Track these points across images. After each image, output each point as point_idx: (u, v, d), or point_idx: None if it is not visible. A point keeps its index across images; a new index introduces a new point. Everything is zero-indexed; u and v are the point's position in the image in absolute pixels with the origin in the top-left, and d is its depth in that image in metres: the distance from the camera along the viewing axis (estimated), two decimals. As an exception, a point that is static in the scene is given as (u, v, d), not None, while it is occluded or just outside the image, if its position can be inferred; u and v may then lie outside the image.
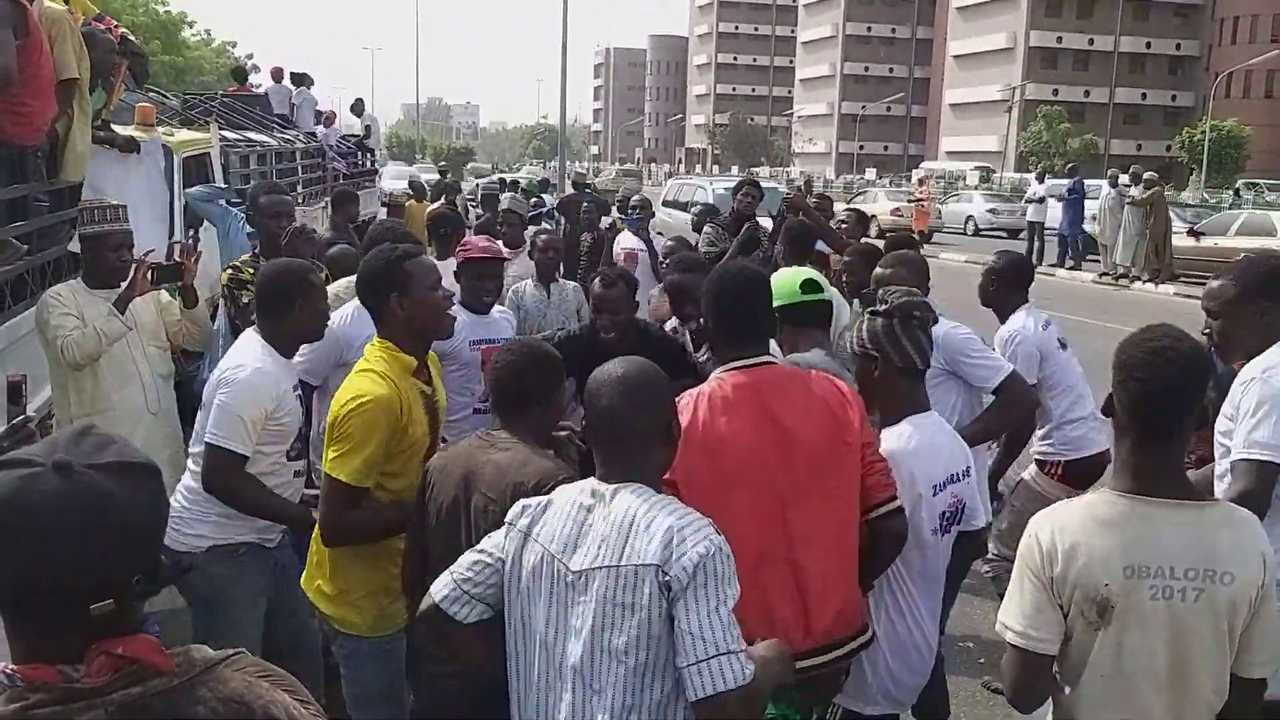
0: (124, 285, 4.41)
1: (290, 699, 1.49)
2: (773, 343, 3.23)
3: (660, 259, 7.33)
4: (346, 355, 4.18)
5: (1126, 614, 2.20)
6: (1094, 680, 2.26)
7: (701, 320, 3.83)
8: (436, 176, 23.37)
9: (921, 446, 3.03)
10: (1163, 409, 2.25)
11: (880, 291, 3.36)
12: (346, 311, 4.40)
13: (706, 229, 8.37)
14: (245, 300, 5.00)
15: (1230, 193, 38.74)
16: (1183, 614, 2.20)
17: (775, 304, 3.14)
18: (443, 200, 12.83)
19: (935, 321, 3.31)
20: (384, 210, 14.96)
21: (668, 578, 2.11)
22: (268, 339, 3.61)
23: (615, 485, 2.27)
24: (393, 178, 25.29)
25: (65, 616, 1.34)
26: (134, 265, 4.45)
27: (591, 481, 2.33)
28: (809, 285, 3.70)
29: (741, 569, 2.22)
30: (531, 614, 2.30)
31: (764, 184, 10.46)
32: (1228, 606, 2.19)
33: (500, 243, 5.77)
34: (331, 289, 4.58)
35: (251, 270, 5.06)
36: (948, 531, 3.10)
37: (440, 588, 2.42)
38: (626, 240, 8.64)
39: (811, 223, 7.01)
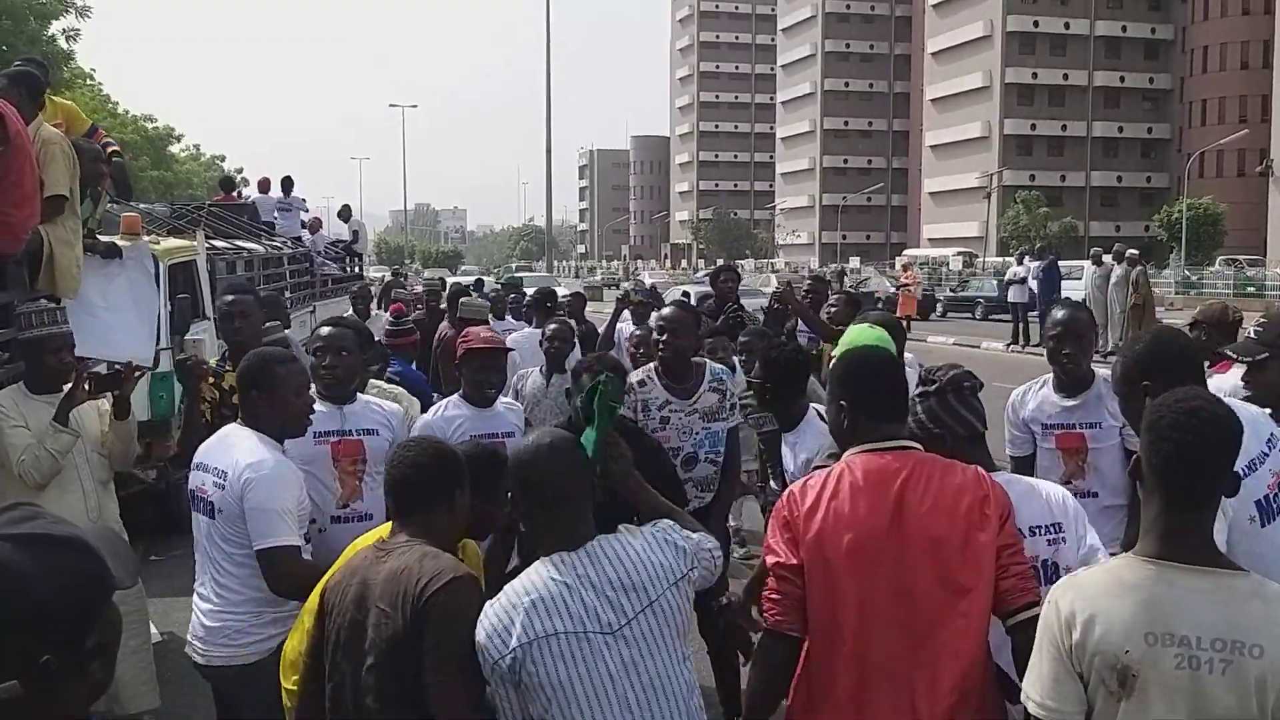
0: (64, 394, 4.32)
1: None
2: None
3: (635, 348, 7.23)
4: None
5: (1150, 685, 2.08)
6: None
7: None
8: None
9: None
10: (1195, 473, 2.16)
11: (923, 371, 3.27)
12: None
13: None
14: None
15: (1211, 270, 39.26)
16: (1208, 686, 2.07)
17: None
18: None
19: (982, 387, 3.23)
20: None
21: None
22: (254, 428, 3.55)
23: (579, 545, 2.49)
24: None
25: None
26: (74, 374, 4.38)
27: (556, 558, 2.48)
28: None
29: (844, 668, 2.52)
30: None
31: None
32: (1257, 683, 2.06)
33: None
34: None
35: (211, 381, 4.78)
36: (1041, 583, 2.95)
37: None
38: (628, 329, 8.67)
39: (801, 316, 7.03)
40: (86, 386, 4.36)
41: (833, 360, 3.44)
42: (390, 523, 2.88)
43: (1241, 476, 2.26)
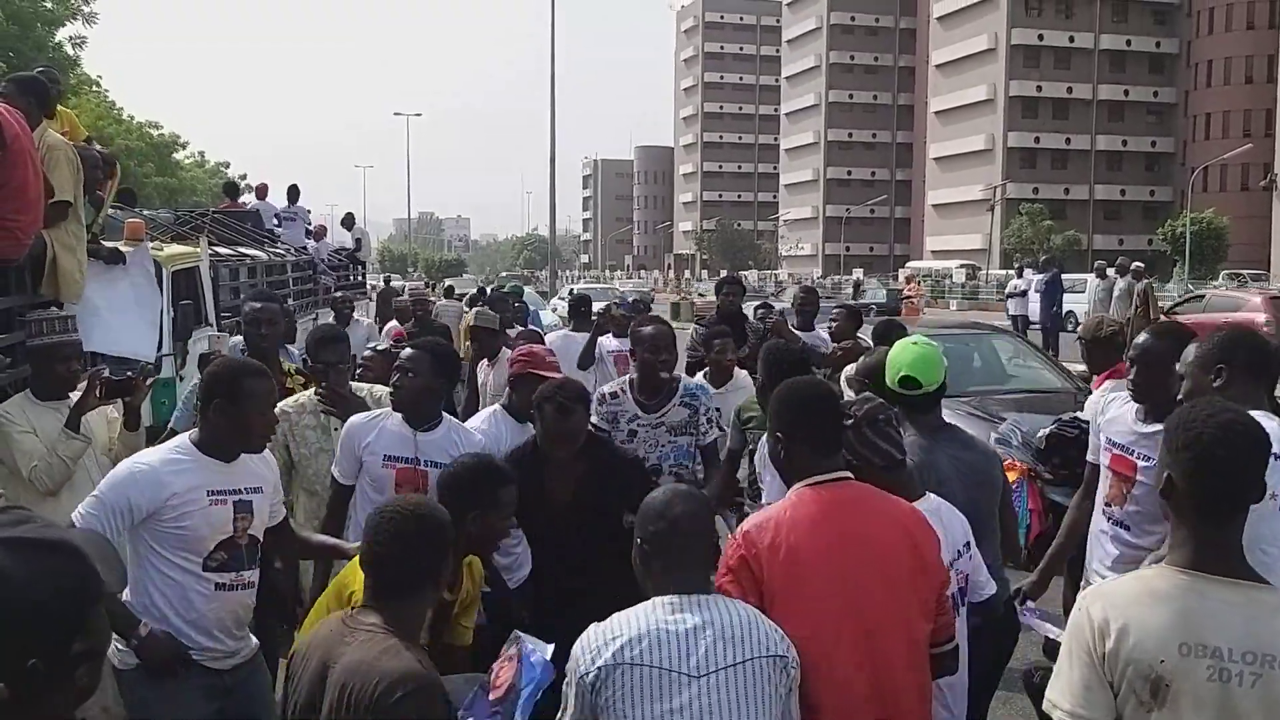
0: (76, 399, 4.33)
1: None
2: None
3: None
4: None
5: (1181, 695, 2.08)
6: None
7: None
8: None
9: None
10: (1232, 484, 2.19)
11: (844, 405, 3.33)
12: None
13: (692, 331, 8.38)
14: None
15: (1214, 283, 39.27)
16: (1238, 699, 2.07)
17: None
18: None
19: (899, 419, 3.43)
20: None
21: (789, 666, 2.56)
22: (197, 442, 3.43)
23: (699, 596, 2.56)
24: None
25: None
26: (85, 379, 4.38)
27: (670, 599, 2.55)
28: (905, 381, 3.82)
29: (831, 695, 2.64)
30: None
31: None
32: None
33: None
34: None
35: None
36: (959, 607, 3.17)
37: None
38: (611, 343, 8.58)
39: (792, 345, 6.99)
40: (98, 393, 4.35)
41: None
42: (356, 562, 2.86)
43: (1267, 484, 2.29)
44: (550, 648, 2.82)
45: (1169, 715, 2.09)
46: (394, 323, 11.25)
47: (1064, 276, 22.61)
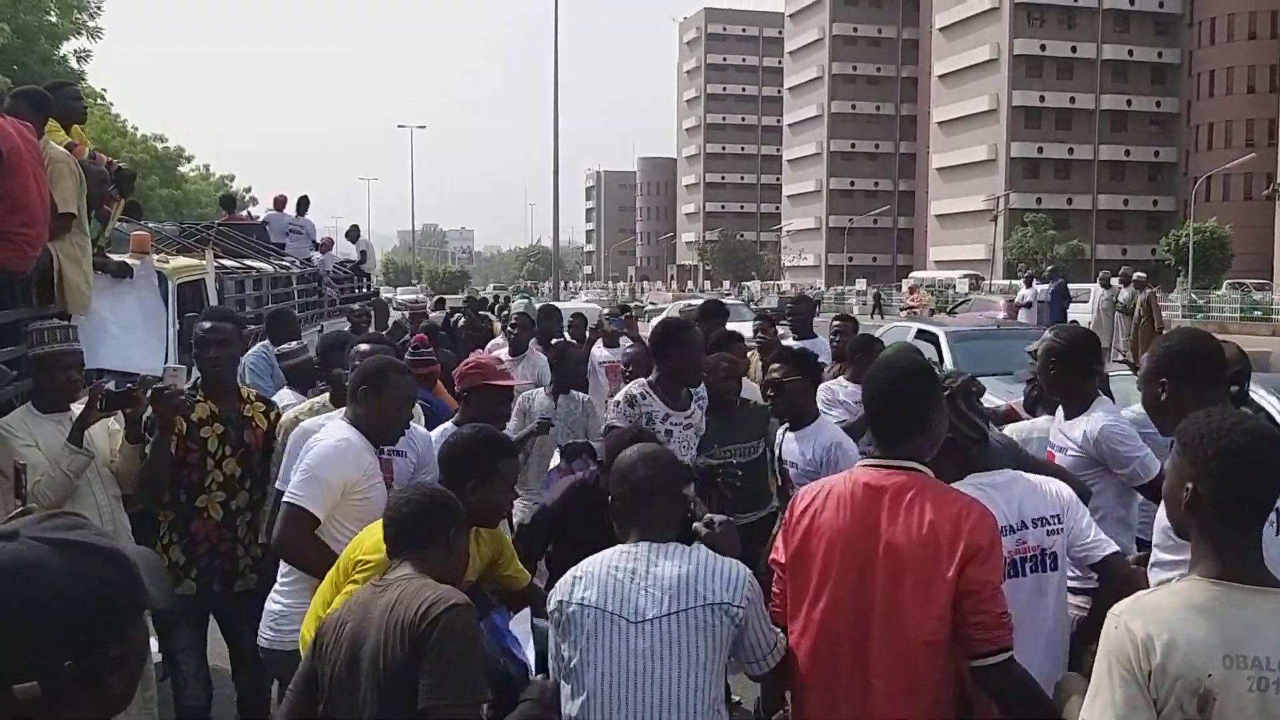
0: (79, 412, 4.29)
1: None
2: None
3: (625, 365, 7.13)
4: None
5: (1226, 708, 2.07)
6: None
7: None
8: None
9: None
10: (1266, 493, 2.21)
11: (940, 377, 3.30)
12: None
13: None
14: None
15: (1218, 293, 39.23)
16: (1276, 708, 2.07)
17: None
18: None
19: (984, 391, 3.56)
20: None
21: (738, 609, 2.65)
22: (353, 423, 3.76)
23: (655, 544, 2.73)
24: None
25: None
26: (89, 391, 4.35)
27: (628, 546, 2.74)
28: None
29: (823, 666, 2.72)
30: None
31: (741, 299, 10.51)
32: None
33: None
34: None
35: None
36: (1021, 574, 3.12)
37: None
38: (602, 354, 8.61)
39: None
40: (99, 405, 4.31)
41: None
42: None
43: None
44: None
45: None
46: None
47: (1068, 286, 22.55)
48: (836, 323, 8.07)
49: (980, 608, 2.64)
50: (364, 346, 4.99)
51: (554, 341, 7.71)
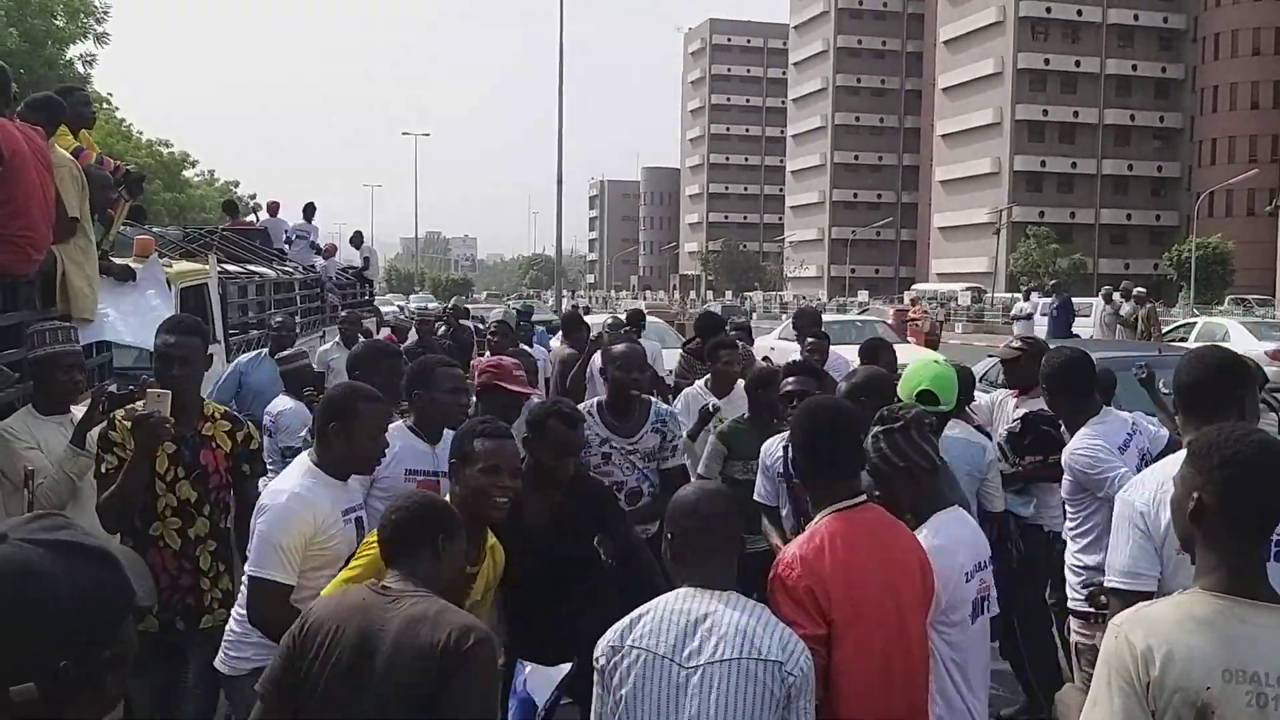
0: (82, 414, 4.27)
1: None
2: None
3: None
4: None
5: None
6: None
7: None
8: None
9: (945, 542, 3.23)
10: (1275, 504, 2.18)
11: (885, 411, 3.42)
12: None
13: (680, 358, 8.45)
14: (103, 468, 4.07)
15: (1220, 308, 39.25)
16: None
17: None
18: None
19: (936, 426, 3.62)
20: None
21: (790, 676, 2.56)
22: (317, 463, 3.60)
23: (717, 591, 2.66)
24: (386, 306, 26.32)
25: None
26: (92, 393, 4.32)
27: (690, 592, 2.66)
28: (924, 396, 4.02)
29: (872, 692, 2.80)
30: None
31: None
32: None
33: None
34: None
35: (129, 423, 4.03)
36: (980, 614, 3.31)
37: None
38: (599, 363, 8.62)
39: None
40: (102, 407, 4.29)
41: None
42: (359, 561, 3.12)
43: None
44: (551, 672, 3.11)
45: None
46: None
47: (1071, 301, 22.58)
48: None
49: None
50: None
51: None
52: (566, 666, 3.22)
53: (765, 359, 8.95)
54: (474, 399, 5.01)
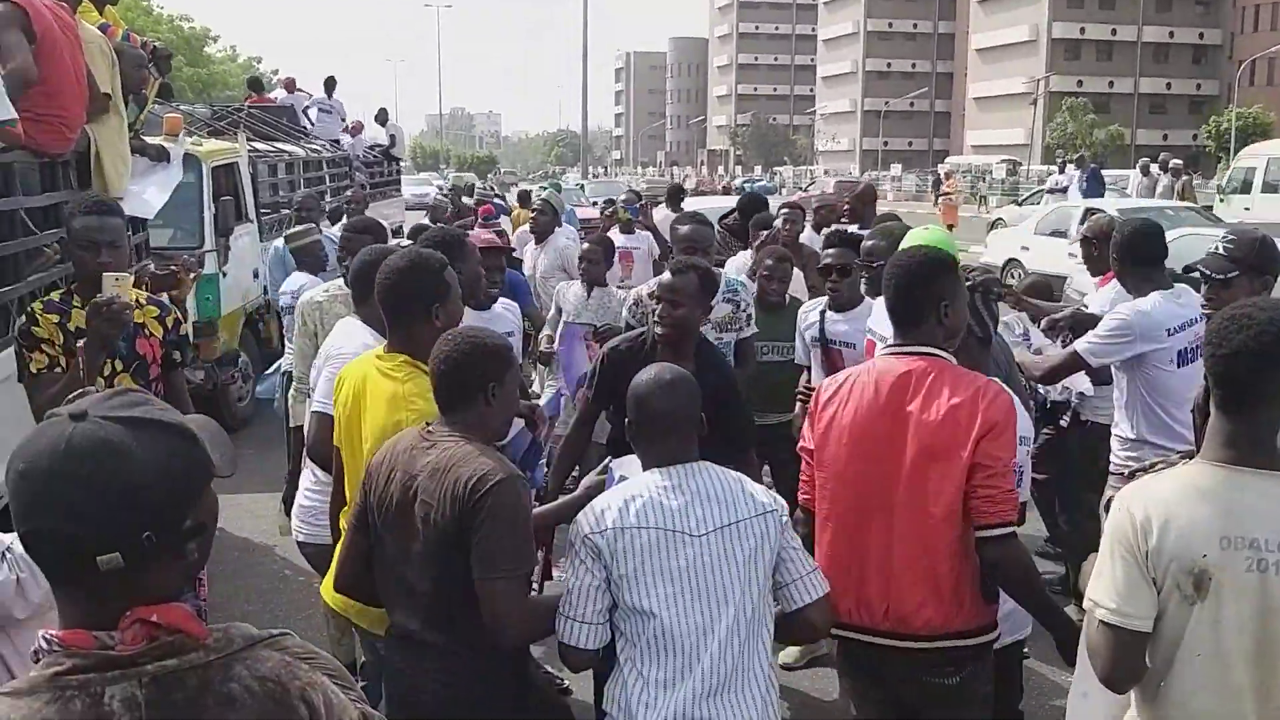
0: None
1: (330, 683, 1.48)
2: None
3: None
4: None
5: (1223, 588, 2.12)
6: (1189, 661, 2.17)
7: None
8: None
9: None
10: (1238, 374, 2.18)
11: (964, 271, 3.34)
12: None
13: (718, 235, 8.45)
14: (34, 368, 3.71)
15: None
16: (1275, 588, 2.11)
17: None
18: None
19: (1001, 296, 3.64)
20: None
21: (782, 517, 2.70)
22: (371, 324, 3.67)
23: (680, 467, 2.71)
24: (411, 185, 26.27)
25: (83, 573, 1.34)
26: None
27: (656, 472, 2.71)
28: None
29: (852, 545, 2.88)
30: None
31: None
32: None
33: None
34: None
35: (56, 321, 3.74)
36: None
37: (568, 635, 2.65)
38: (617, 239, 8.59)
39: None
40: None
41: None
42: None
43: None
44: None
45: (1211, 608, 2.13)
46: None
47: (1107, 173, 22.22)
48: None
49: (990, 482, 2.76)
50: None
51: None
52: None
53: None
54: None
